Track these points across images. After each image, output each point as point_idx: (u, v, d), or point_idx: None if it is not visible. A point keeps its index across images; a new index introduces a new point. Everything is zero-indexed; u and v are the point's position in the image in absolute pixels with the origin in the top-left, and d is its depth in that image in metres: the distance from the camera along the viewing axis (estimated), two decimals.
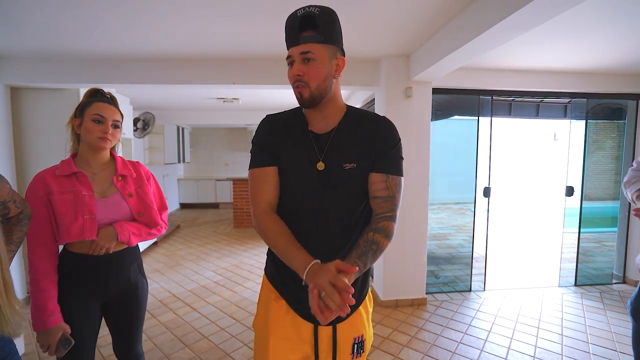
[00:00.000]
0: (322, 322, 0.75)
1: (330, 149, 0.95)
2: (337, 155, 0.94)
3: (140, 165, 1.44)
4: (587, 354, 2.31)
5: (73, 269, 1.25)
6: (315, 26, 0.86)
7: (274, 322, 1.01)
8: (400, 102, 2.89)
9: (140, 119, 5.32)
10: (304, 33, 0.87)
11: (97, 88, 1.34)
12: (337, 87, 0.97)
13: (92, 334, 1.31)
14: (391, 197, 0.95)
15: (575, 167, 3.46)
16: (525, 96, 3.47)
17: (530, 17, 1.56)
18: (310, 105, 0.93)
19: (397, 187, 0.95)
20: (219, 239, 5.58)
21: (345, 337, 1.01)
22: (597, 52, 2.68)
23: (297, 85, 0.90)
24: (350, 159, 0.94)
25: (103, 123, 1.25)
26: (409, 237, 3.00)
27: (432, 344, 2.44)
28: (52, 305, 1.17)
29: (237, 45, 2.61)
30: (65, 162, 1.28)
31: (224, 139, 9.22)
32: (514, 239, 5.60)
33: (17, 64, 2.77)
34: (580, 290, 3.40)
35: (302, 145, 0.97)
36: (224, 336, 2.55)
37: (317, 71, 0.88)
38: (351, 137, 0.96)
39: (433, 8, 1.95)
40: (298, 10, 0.87)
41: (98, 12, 1.96)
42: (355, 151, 0.95)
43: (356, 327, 1.02)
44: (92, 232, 1.22)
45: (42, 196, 1.19)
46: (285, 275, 0.99)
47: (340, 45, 0.94)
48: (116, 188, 1.31)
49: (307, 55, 0.87)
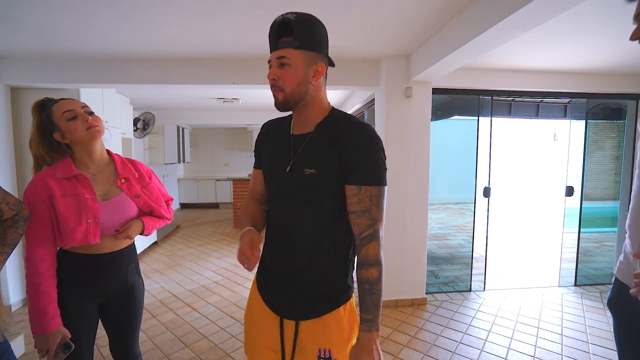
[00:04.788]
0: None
1: (301, 152, 0.95)
2: (302, 159, 0.94)
3: (140, 163, 1.43)
4: (587, 354, 2.31)
5: (71, 269, 1.23)
6: (291, 32, 0.88)
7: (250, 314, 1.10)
8: (400, 102, 2.89)
9: (140, 119, 5.32)
10: (281, 39, 0.89)
11: (39, 100, 1.26)
12: (317, 92, 0.96)
13: (90, 335, 1.30)
14: (365, 211, 0.88)
15: (575, 167, 3.46)
16: (525, 96, 3.47)
17: (530, 17, 1.56)
18: (285, 109, 0.94)
19: (373, 199, 0.88)
20: (219, 239, 5.59)
21: (308, 341, 0.97)
22: (597, 52, 2.68)
23: (273, 89, 0.93)
24: (311, 164, 0.92)
25: (78, 116, 1.20)
26: (409, 237, 3.00)
27: (432, 344, 2.44)
28: (53, 309, 1.15)
29: (237, 45, 2.61)
30: (64, 163, 1.23)
31: (224, 139, 9.22)
32: (514, 239, 5.60)
33: (17, 64, 2.77)
34: (580, 290, 3.40)
35: (280, 147, 1.01)
36: (224, 336, 2.55)
37: (291, 76, 0.89)
38: (320, 142, 0.94)
39: (433, 8, 1.95)
40: (278, 16, 0.89)
41: (98, 12, 1.96)
42: (319, 156, 0.92)
43: (324, 338, 0.96)
44: (96, 235, 1.20)
45: (45, 199, 1.16)
46: (263, 268, 1.08)
47: (320, 52, 0.93)
48: (120, 189, 1.29)
49: (282, 60, 0.89)
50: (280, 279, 1.01)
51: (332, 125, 0.95)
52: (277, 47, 0.90)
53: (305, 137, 0.96)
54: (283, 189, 0.98)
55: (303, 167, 0.93)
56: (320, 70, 0.93)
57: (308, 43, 0.90)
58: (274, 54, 0.91)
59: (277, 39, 0.90)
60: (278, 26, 0.88)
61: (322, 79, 0.96)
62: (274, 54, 0.91)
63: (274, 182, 1.02)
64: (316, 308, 0.97)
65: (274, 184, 1.02)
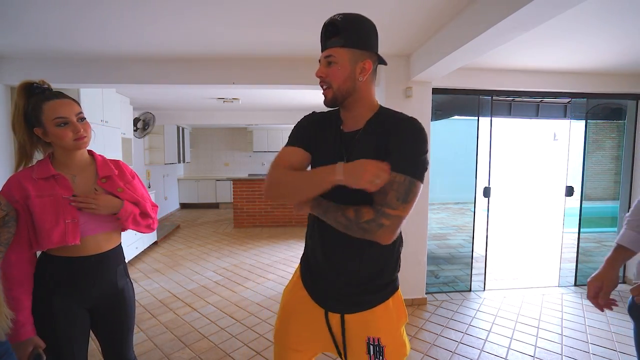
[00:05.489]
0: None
1: (354, 147, 0.98)
2: (356, 154, 0.96)
3: (124, 164, 1.37)
4: (587, 354, 2.31)
5: (55, 272, 1.18)
6: (338, 32, 0.92)
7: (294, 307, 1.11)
8: (400, 102, 2.89)
9: (140, 119, 5.32)
10: (329, 39, 0.95)
11: (28, 81, 1.17)
12: (365, 88, 0.99)
13: (82, 342, 1.24)
14: (382, 193, 0.87)
15: (575, 167, 3.46)
16: (525, 96, 3.47)
17: (530, 17, 1.56)
18: (333, 105, 0.99)
19: (397, 185, 0.87)
20: (219, 239, 5.59)
21: (356, 332, 1.01)
22: (597, 52, 2.68)
23: (322, 85, 0.98)
24: (364, 157, 0.92)
25: (69, 124, 1.14)
26: (409, 237, 2.98)
27: (432, 344, 2.44)
28: (23, 317, 1.08)
29: (237, 45, 2.61)
30: (42, 163, 1.18)
31: (224, 139, 9.22)
32: (514, 239, 5.60)
33: (17, 64, 2.77)
34: (580, 290, 3.39)
35: (331, 142, 1.02)
36: (224, 336, 2.55)
37: (337, 73, 0.94)
38: (372, 136, 0.97)
39: (433, 8, 1.95)
40: (327, 19, 0.95)
41: (98, 11, 1.96)
42: (371, 150, 0.95)
43: (370, 326, 1.00)
44: (75, 236, 1.14)
45: (19, 200, 1.12)
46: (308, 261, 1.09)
47: (368, 49, 0.96)
48: (101, 189, 1.23)
49: (329, 58, 0.95)
50: (329, 273, 1.02)
51: (382, 122, 0.98)
52: (326, 47, 0.95)
53: (356, 134, 0.99)
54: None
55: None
56: (367, 67, 0.95)
57: (353, 41, 0.93)
58: (322, 54, 0.96)
59: (326, 40, 0.95)
60: (327, 27, 0.94)
61: (370, 76, 0.99)
62: (322, 54, 0.96)
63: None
64: (365, 300, 1.00)
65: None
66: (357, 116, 1.00)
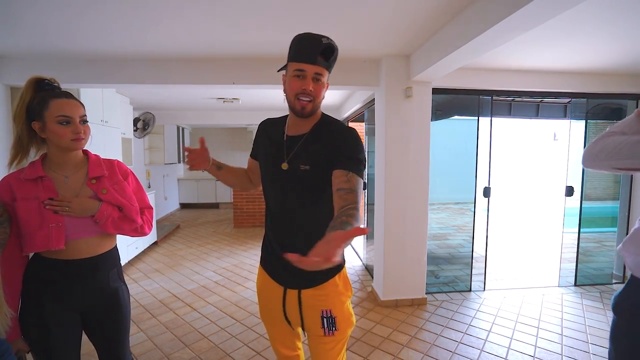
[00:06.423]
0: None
1: (296, 151, 1.12)
2: (299, 157, 1.10)
3: (117, 162, 1.34)
4: (587, 354, 2.32)
5: (46, 275, 1.16)
6: (330, 56, 1.05)
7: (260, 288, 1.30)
8: (400, 102, 2.90)
9: (140, 119, 5.32)
10: (321, 57, 1.04)
11: (39, 77, 1.19)
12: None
13: (74, 347, 1.22)
14: (353, 190, 1.00)
15: (575, 167, 3.46)
16: (525, 96, 3.47)
17: (530, 17, 1.56)
18: (309, 115, 1.10)
19: (357, 184, 1.01)
20: (219, 239, 5.59)
21: (312, 305, 1.14)
22: (597, 52, 2.68)
23: (303, 97, 1.06)
24: (306, 161, 1.09)
25: (71, 123, 1.14)
26: (409, 237, 3.00)
27: (432, 344, 2.44)
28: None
29: (237, 45, 2.61)
30: (33, 164, 1.16)
31: (224, 139, 9.23)
32: (513, 239, 5.60)
33: (17, 64, 2.77)
34: (580, 290, 3.40)
35: (275, 146, 1.16)
36: (224, 336, 2.55)
37: (320, 89, 1.08)
38: (315, 142, 1.11)
39: (433, 8, 1.95)
40: (322, 37, 1.03)
41: (98, 11, 1.96)
42: (313, 154, 1.09)
43: (323, 300, 1.14)
44: (60, 241, 1.11)
45: (8, 202, 1.11)
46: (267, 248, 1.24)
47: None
48: (91, 191, 1.21)
49: (318, 76, 1.05)
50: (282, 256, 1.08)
51: (325, 128, 1.14)
52: (316, 63, 1.04)
53: (301, 138, 1.13)
54: (280, 182, 1.14)
55: (299, 164, 1.09)
56: (327, 85, 1.12)
57: (332, 66, 1.10)
58: (312, 68, 1.04)
59: (317, 57, 1.03)
60: (325, 47, 1.03)
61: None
62: (312, 68, 1.04)
63: (270, 176, 1.18)
64: (316, 278, 1.13)
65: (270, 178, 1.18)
66: (305, 123, 1.14)
